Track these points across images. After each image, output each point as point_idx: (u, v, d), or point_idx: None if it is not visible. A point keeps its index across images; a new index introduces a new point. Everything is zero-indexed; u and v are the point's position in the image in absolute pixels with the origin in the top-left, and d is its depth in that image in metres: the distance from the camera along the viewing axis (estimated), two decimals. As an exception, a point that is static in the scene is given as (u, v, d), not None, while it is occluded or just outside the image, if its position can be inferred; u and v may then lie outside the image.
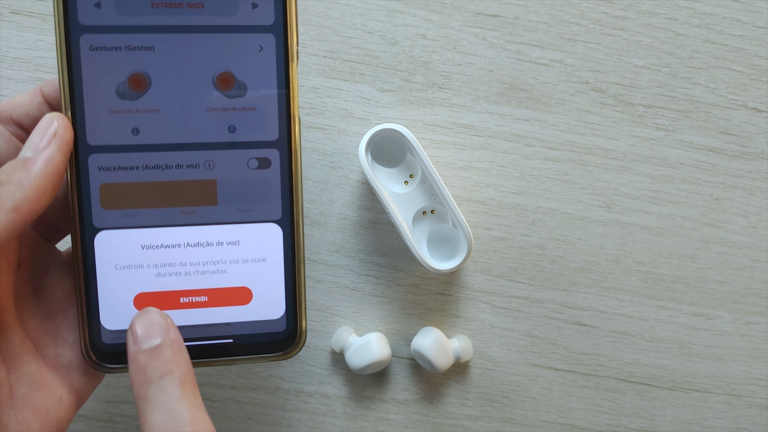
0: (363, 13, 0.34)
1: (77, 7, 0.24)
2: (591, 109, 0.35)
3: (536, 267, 0.36)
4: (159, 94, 0.25)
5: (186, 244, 0.26)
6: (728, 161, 0.36)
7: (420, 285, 0.36)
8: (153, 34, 0.25)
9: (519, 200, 0.35)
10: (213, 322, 0.26)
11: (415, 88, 0.35)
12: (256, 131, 0.26)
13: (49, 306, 0.26)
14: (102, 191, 0.25)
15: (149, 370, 0.22)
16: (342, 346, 0.35)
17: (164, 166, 0.25)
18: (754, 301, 0.36)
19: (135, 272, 0.26)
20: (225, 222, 0.26)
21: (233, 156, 0.26)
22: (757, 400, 0.37)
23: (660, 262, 0.36)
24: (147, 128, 0.25)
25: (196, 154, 0.26)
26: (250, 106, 0.26)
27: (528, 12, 0.34)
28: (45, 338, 0.25)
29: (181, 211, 0.26)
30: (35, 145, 0.23)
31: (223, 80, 0.25)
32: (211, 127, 0.25)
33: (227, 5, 0.25)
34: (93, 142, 0.25)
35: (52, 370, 0.25)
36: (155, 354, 0.22)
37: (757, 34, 0.35)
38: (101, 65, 0.25)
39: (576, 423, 0.36)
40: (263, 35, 0.25)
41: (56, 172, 0.23)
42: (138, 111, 0.25)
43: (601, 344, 0.36)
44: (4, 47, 0.34)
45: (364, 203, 0.35)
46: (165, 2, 0.25)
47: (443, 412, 0.36)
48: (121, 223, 0.25)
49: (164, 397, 0.21)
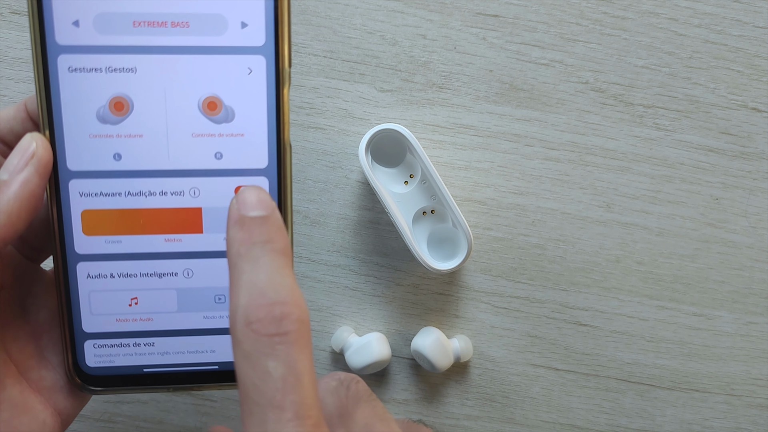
0: (363, 13, 0.34)
1: (54, 26, 0.23)
2: (591, 109, 0.35)
3: (536, 267, 0.36)
4: (142, 118, 0.24)
5: (172, 273, 0.25)
6: (728, 161, 0.36)
7: (420, 285, 0.36)
8: (135, 55, 0.23)
9: (519, 200, 0.35)
10: (200, 350, 0.26)
11: (415, 88, 0.35)
12: (245, 158, 0.25)
13: (32, 328, 0.25)
14: (84, 217, 0.24)
15: (255, 234, 0.20)
16: (342, 346, 0.35)
17: (147, 193, 0.24)
18: (754, 301, 0.36)
19: (118, 296, 0.25)
20: (211, 251, 0.25)
21: (220, 183, 0.25)
22: (757, 400, 0.37)
23: (660, 262, 0.36)
24: (129, 154, 0.24)
25: (181, 181, 0.24)
26: (238, 132, 0.24)
27: (528, 12, 0.34)
28: (28, 360, 0.25)
29: (165, 238, 0.25)
30: (12, 167, 0.22)
31: (210, 104, 0.24)
32: (196, 153, 0.24)
33: (215, 24, 0.24)
34: (73, 167, 0.24)
35: (36, 393, 0.24)
36: (263, 222, 0.21)
37: (757, 34, 0.35)
38: (81, 88, 0.23)
39: (576, 423, 0.36)
40: (253, 57, 0.24)
41: (32, 195, 0.22)
42: (120, 136, 0.24)
43: (601, 344, 0.36)
44: (4, 47, 0.34)
45: (364, 203, 0.35)
46: (148, 21, 0.23)
47: (443, 412, 0.36)
48: (104, 249, 0.25)
49: (267, 261, 0.20)
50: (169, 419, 0.35)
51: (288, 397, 0.18)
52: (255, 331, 0.19)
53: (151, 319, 0.26)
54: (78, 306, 0.25)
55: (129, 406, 0.35)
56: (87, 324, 0.25)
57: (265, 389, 0.18)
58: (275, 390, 0.18)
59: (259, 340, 0.19)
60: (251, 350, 0.19)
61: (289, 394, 0.18)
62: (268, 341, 0.19)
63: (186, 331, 0.26)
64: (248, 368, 0.19)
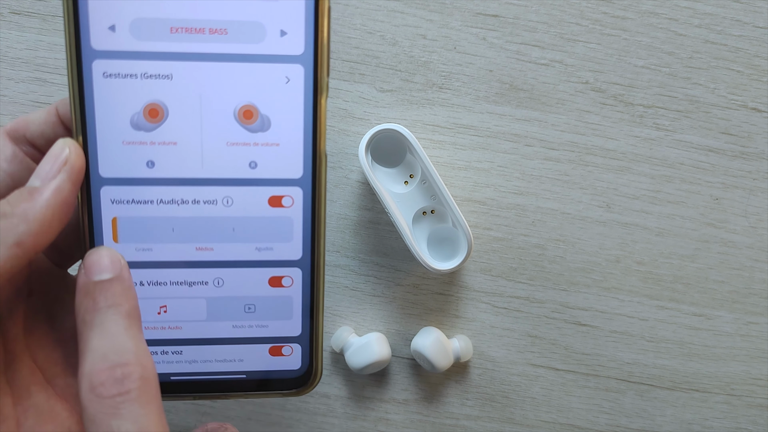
0: (363, 13, 0.34)
1: (90, 30, 0.22)
2: (591, 109, 0.35)
3: (536, 267, 0.36)
4: (176, 125, 0.24)
5: (202, 282, 0.25)
6: (728, 161, 0.36)
7: (420, 285, 0.36)
8: (171, 62, 0.23)
9: (519, 200, 0.35)
10: (228, 358, 0.26)
11: (415, 88, 0.35)
12: (279, 168, 0.24)
13: (60, 334, 0.25)
14: (114, 225, 0.24)
15: (98, 299, 0.21)
16: (342, 346, 0.35)
17: (180, 201, 0.24)
18: (754, 301, 0.36)
19: (147, 304, 0.25)
20: (242, 260, 0.25)
21: (253, 193, 0.24)
22: (757, 400, 0.37)
23: (660, 262, 0.36)
24: (163, 161, 0.24)
25: (214, 190, 0.24)
26: (274, 141, 0.24)
27: (528, 12, 0.34)
28: (55, 367, 0.24)
29: (197, 247, 0.25)
30: (44, 174, 0.21)
31: (246, 113, 0.24)
32: (230, 162, 0.24)
33: (253, 32, 0.23)
34: (105, 174, 0.24)
35: (62, 401, 0.24)
36: (105, 286, 0.21)
37: (757, 34, 0.35)
38: (115, 94, 0.23)
39: (576, 423, 0.36)
40: (291, 66, 0.23)
41: (65, 203, 0.21)
42: (153, 143, 0.24)
43: (601, 344, 0.36)
44: (4, 47, 0.34)
45: (364, 203, 0.35)
46: (185, 27, 0.23)
47: (443, 412, 0.36)
48: (134, 257, 0.24)
49: (111, 325, 0.20)
50: (169, 419, 0.35)
51: None
52: (98, 395, 0.19)
53: (180, 327, 0.25)
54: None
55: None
56: None
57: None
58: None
59: (103, 402, 0.19)
60: (96, 413, 0.19)
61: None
62: (111, 402, 0.19)
63: (215, 340, 0.26)
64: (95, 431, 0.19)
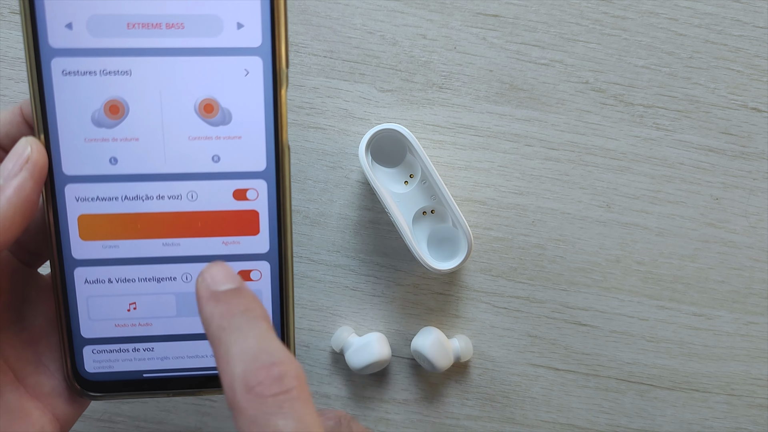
0: (363, 13, 0.34)
1: (47, 29, 0.22)
2: (591, 109, 0.35)
3: (536, 267, 0.36)
4: (137, 121, 0.24)
5: (171, 277, 0.25)
6: (728, 161, 0.36)
7: (420, 285, 0.36)
8: (129, 57, 0.23)
9: (519, 200, 0.35)
10: (200, 354, 0.26)
11: (415, 88, 0.35)
12: (242, 161, 0.24)
13: (30, 333, 0.25)
14: (80, 222, 0.24)
15: (233, 305, 0.21)
16: (342, 346, 0.35)
17: (144, 197, 0.24)
18: (754, 301, 0.36)
19: (117, 301, 0.25)
20: (209, 254, 0.25)
21: (218, 187, 0.24)
22: (757, 400, 0.37)
23: (660, 262, 0.36)
24: (125, 157, 0.24)
25: (178, 185, 0.24)
26: (236, 134, 0.24)
27: (528, 12, 0.34)
28: (26, 366, 0.24)
29: (163, 243, 0.25)
30: (6, 172, 0.22)
31: (206, 107, 0.24)
32: (193, 156, 0.24)
33: (210, 26, 0.23)
34: (69, 171, 0.24)
35: (34, 400, 0.24)
36: (236, 293, 0.21)
37: (757, 34, 0.35)
38: (75, 91, 0.23)
39: (576, 423, 0.36)
40: (249, 58, 0.24)
41: (27, 201, 0.21)
42: (116, 139, 0.24)
43: (601, 344, 0.36)
44: (4, 47, 0.34)
45: (364, 203, 0.35)
46: (142, 22, 0.23)
47: (443, 412, 0.36)
48: (101, 254, 0.24)
49: (252, 328, 0.20)
50: (169, 419, 0.35)
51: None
52: (258, 394, 0.19)
53: (150, 324, 0.25)
54: (76, 311, 0.25)
55: (129, 406, 0.35)
56: (85, 329, 0.25)
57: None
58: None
59: (265, 401, 0.19)
60: (258, 414, 0.19)
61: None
62: (274, 401, 0.19)
63: (185, 336, 0.26)
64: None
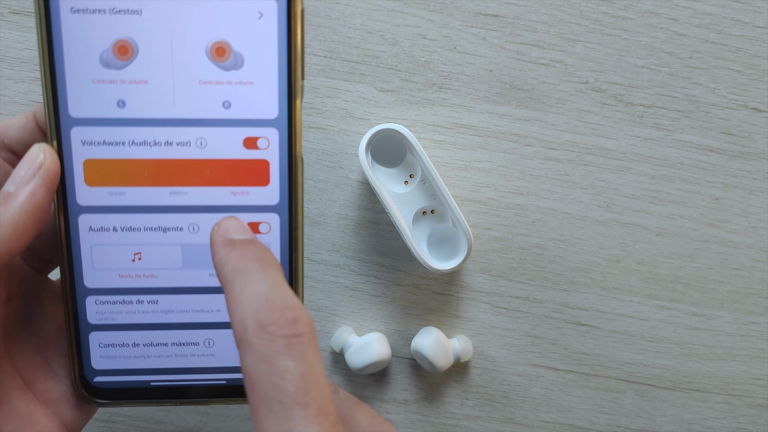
0: (363, 13, 0.34)
1: None
2: (591, 109, 0.35)
3: (536, 267, 0.36)
4: (147, 63, 0.23)
5: (177, 227, 0.24)
6: (728, 161, 0.36)
7: (420, 285, 0.36)
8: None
9: (519, 200, 0.35)
10: (205, 309, 0.25)
11: (415, 88, 0.35)
12: (254, 108, 0.23)
13: (39, 339, 0.25)
14: (86, 167, 0.24)
15: (248, 251, 0.21)
16: (342, 346, 0.35)
17: (152, 143, 0.23)
18: (754, 301, 0.36)
19: (121, 250, 0.24)
20: (218, 205, 0.24)
21: (228, 134, 0.24)
22: (757, 400, 0.37)
23: (660, 262, 0.36)
24: (134, 101, 0.23)
25: (188, 131, 0.23)
26: (248, 80, 0.23)
27: (528, 12, 0.34)
28: (35, 372, 0.24)
29: (170, 191, 0.24)
30: (19, 179, 0.21)
31: (218, 50, 0.23)
32: (203, 101, 0.23)
33: None
34: (75, 114, 0.23)
35: (42, 405, 0.24)
36: (251, 242, 0.21)
37: (757, 34, 0.35)
38: (84, 30, 0.22)
39: (576, 423, 0.36)
40: (264, 0, 0.23)
41: (39, 208, 0.21)
42: (124, 81, 0.23)
43: (601, 344, 0.36)
44: (4, 47, 0.34)
45: (364, 203, 0.35)
46: None
47: (443, 412, 0.36)
48: (107, 201, 0.24)
49: (266, 274, 0.20)
50: (169, 419, 0.35)
51: (310, 394, 0.18)
52: (271, 333, 0.19)
53: (156, 275, 0.25)
54: (80, 261, 0.24)
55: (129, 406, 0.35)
56: (89, 279, 0.24)
57: (288, 387, 0.18)
58: (298, 388, 0.18)
59: (276, 341, 0.19)
60: (268, 351, 0.19)
61: (311, 392, 0.18)
62: (286, 342, 0.19)
63: (191, 289, 0.25)
64: (266, 369, 0.19)
